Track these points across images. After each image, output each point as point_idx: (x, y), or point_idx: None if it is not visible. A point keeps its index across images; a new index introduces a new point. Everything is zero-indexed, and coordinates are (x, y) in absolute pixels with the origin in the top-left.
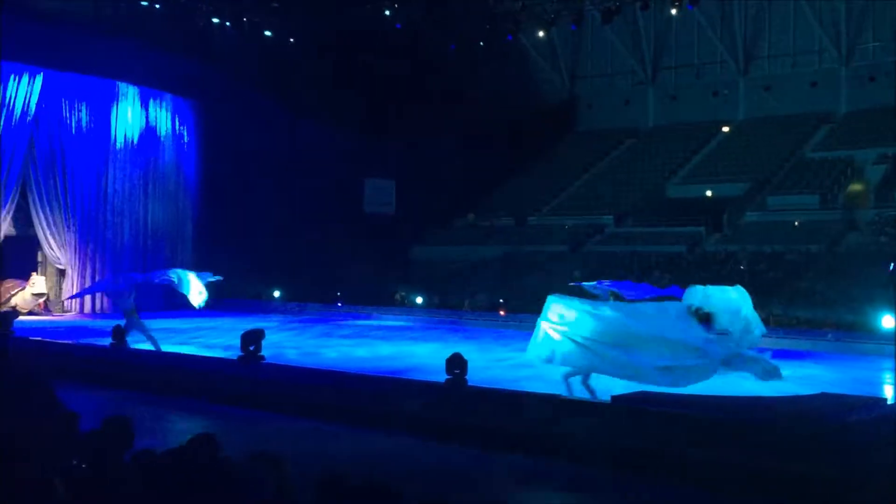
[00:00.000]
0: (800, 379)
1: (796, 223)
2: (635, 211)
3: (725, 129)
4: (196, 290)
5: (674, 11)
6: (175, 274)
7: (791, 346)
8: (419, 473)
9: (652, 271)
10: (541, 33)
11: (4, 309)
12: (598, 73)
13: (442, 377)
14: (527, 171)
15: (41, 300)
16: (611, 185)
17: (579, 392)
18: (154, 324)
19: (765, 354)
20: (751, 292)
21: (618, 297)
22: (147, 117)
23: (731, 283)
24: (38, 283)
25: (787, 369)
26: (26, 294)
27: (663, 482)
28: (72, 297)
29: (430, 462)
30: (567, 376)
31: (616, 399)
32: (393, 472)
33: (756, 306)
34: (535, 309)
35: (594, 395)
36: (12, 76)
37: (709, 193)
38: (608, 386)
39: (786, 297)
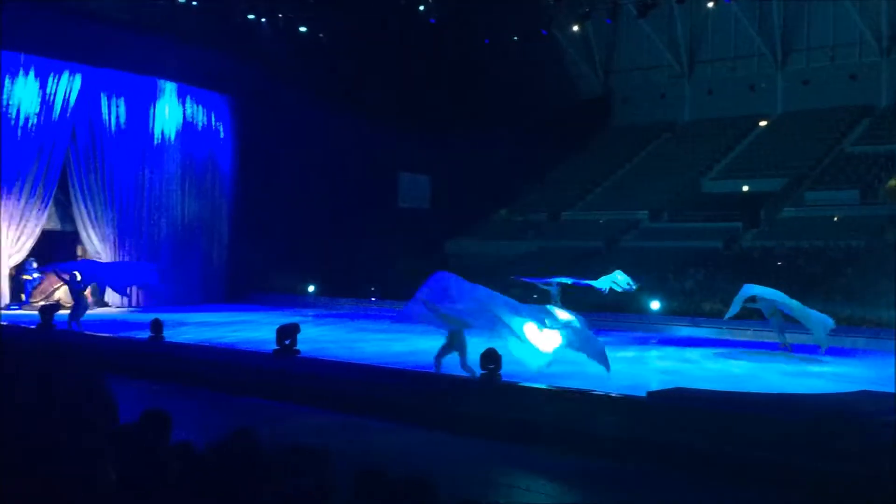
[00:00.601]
0: (839, 376)
1: (835, 218)
2: (671, 206)
3: (763, 123)
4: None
5: (710, 4)
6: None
7: (830, 343)
8: (454, 468)
9: (687, 268)
10: (575, 27)
11: (48, 303)
12: (633, 67)
13: (476, 372)
14: (561, 166)
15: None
16: (646, 180)
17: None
18: (191, 317)
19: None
20: (789, 289)
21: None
22: (184, 113)
23: (768, 279)
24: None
25: (827, 366)
26: (61, 290)
27: (700, 479)
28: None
29: (466, 457)
30: (439, 356)
31: (652, 395)
32: (428, 466)
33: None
34: (568, 304)
35: (475, 375)
36: (52, 73)
37: (745, 189)
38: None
39: (824, 293)
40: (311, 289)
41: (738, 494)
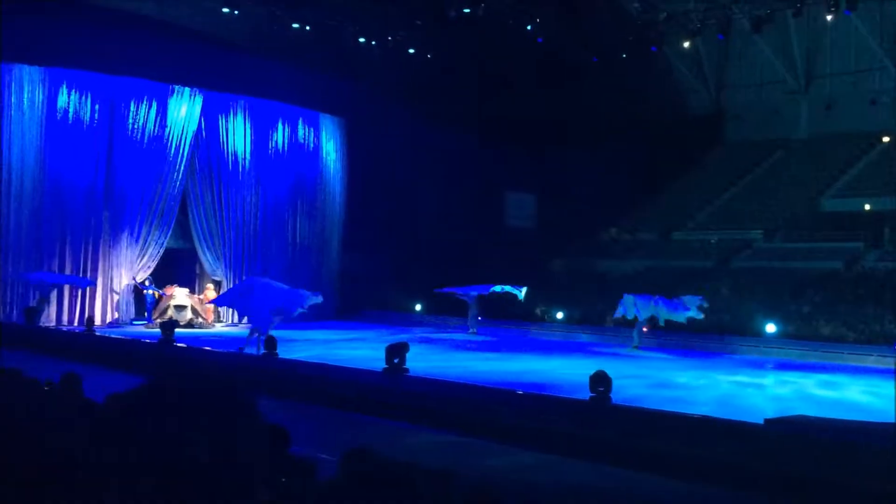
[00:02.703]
0: None
1: None
2: (786, 225)
3: (886, 139)
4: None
5: (829, 17)
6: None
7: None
8: (566, 491)
9: (804, 289)
10: (686, 44)
11: (163, 319)
12: (746, 83)
13: (585, 393)
14: (671, 184)
15: (187, 311)
16: (759, 199)
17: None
18: (302, 335)
19: None
20: None
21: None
22: (296, 134)
23: (892, 302)
24: (178, 295)
25: None
26: (171, 307)
27: None
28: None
29: (578, 480)
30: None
31: (770, 422)
32: (540, 489)
33: None
34: (678, 326)
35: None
36: (176, 95)
37: (868, 207)
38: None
39: None
40: (418, 307)
41: None
